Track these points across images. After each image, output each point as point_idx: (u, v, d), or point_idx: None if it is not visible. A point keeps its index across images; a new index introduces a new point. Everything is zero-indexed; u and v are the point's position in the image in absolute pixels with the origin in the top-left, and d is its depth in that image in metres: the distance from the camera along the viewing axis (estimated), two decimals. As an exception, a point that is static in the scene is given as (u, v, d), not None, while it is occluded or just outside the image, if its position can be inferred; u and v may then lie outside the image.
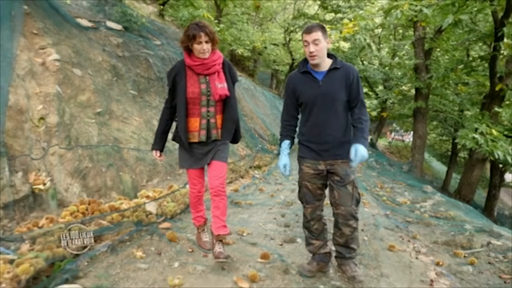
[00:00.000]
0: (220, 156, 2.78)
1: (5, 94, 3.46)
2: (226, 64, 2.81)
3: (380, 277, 2.92)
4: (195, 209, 3.00)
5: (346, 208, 2.59)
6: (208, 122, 2.72)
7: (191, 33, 2.55)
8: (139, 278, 2.45)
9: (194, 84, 2.67)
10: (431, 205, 5.44)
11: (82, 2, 7.77)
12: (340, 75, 2.54)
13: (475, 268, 3.22)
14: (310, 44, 2.45)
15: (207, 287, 2.46)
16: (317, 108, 2.57)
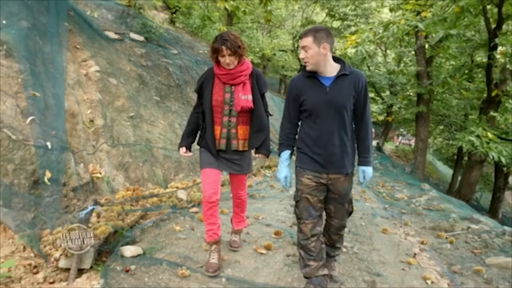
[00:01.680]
0: (240, 170, 2.88)
1: (62, 101, 4.23)
2: (254, 75, 2.81)
3: (372, 251, 3.62)
4: (208, 220, 2.78)
5: (339, 221, 2.65)
6: (228, 132, 2.75)
7: (214, 47, 2.63)
8: (181, 244, 3.18)
9: (218, 92, 2.72)
10: (426, 200, 6.12)
11: (108, 15, 8.61)
12: (348, 82, 2.40)
13: (453, 245, 3.90)
14: (302, 50, 2.39)
15: (232, 253, 3.18)
16: (323, 117, 2.42)
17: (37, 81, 4.02)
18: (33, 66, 4.16)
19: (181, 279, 2.60)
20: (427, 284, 2.99)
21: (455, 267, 3.34)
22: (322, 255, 2.55)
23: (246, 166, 2.93)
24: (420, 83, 10.32)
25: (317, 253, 2.52)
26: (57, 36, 5.14)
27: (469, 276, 3.16)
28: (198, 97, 2.84)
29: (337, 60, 2.47)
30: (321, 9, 16.63)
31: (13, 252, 2.43)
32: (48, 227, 2.81)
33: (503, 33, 7.51)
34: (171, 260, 2.84)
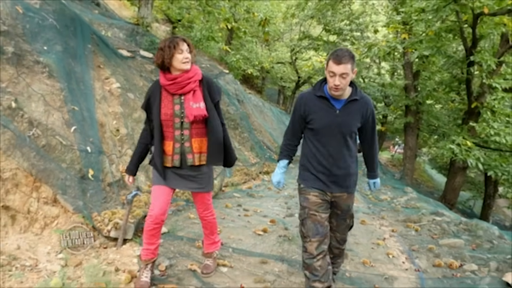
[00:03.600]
0: (200, 187, 2.75)
1: (93, 113, 5.16)
2: (205, 82, 2.67)
3: (350, 235, 4.52)
4: (148, 240, 2.71)
5: (341, 235, 2.78)
6: (181, 146, 2.62)
7: (172, 42, 2.50)
8: (195, 227, 4.09)
9: (167, 105, 2.59)
10: (405, 200, 7.04)
11: (119, 34, 9.61)
12: (358, 108, 2.47)
13: (418, 233, 4.81)
14: (337, 77, 2.30)
15: (236, 233, 4.10)
16: (329, 138, 2.48)
17: (74, 97, 4.95)
18: (69, 84, 5.09)
19: (198, 249, 3.51)
20: (389, 258, 3.89)
21: (414, 246, 4.25)
22: (328, 276, 2.49)
23: (206, 183, 2.77)
24: (407, 96, 11.32)
25: (322, 274, 2.45)
26: (84, 57, 6.09)
27: (423, 252, 4.07)
28: (147, 114, 2.69)
29: (350, 83, 2.47)
30: (317, 23, 17.70)
31: (75, 227, 3.33)
32: (94, 211, 3.72)
33: (478, 51, 8.50)
34: (189, 236, 3.76)
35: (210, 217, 2.97)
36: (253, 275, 3.10)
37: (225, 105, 11.01)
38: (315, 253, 2.49)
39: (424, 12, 6.68)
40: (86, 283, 2.59)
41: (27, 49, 4.71)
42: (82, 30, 6.43)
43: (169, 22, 16.56)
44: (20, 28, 4.88)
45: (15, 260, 2.65)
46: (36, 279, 2.53)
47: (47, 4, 6.06)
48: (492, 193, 13.56)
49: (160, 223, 2.71)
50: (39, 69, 4.73)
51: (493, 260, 3.67)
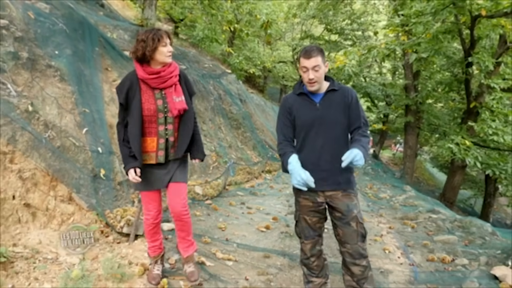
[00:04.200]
0: (178, 177, 2.67)
1: (103, 115, 5.40)
2: (183, 76, 2.69)
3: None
4: (151, 238, 2.84)
5: (352, 246, 2.46)
6: (166, 141, 2.59)
7: (156, 35, 2.44)
8: (201, 224, 4.33)
9: (149, 100, 2.51)
10: (404, 198, 7.26)
11: (124, 36, 9.82)
12: (338, 97, 2.47)
13: (414, 229, 5.04)
14: (310, 71, 2.36)
15: (240, 230, 4.33)
16: (314, 132, 2.47)
17: (84, 100, 5.19)
18: (80, 87, 5.32)
19: (204, 244, 3.74)
20: (386, 253, 4.12)
21: (409, 242, 4.48)
22: (325, 272, 2.62)
23: (184, 174, 2.74)
24: (407, 95, 11.52)
25: (319, 271, 2.60)
26: (92, 60, 6.32)
27: (418, 248, 4.30)
28: (122, 109, 2.56)
29: (326, 77, 2.54)
30: (319, 23, 17.88)
31: (89, 223, 3.57)
32: (107, 208, 3.96)
33: (476, 52, 8.70)
34: (195, 233, 3.99)
35: (186, 215, 2.74)
36: (257, 268, 3.34)
37: (227, 105, 11.24)
38: (308, 254, 2.59)
39: (422, 15, 6.88)
40: (103, 275, 2.83)
41: (40, 54, 4.94)
42: (90, 34, 6.67)
43: (171, 21, 16.76)
44: (32, 33, 5.11)
45: (38, 254, 2.90)
46: (58, 271, 2.77)
47: (56, 9, 6.30)
48: (493, 192, 13.73)
49: (158, 221, 2.80)
50: (51, 73, 4.96)
51: (484, 255, 3.89)
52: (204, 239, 3.80)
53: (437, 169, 22.67)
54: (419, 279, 3.46)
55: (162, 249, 2.94)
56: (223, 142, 9.13)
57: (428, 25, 6.92)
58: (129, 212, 3.80)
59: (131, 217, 3.66)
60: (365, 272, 2.52)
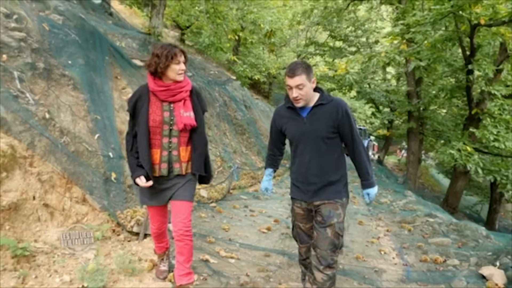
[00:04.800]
0: (183, 195, 2.66)
1: (113, 122, 5.71)
2: (195, 92, 2.70)
3: (346, 234, 4.99)
4: (158, 241, 3.02)
5: (321, 251, 2.46)
6: (169, 154, 2.60)
7: (170, 52, 2.48)
8: (206, 225, 4.60)
9: (156, 111, 2.55)
10: (404, 203, 7.48)
11: (132, 44, 10.18)
12: (326, 111, 2.47)
13: (410, 232, 5.27)
14: (294, 89, 2.39)
15: (242, 231, 4.60)
16: (302, 146, 2.55)
17: (96, 107, 5.50)
18: (92, 95, 5.63)
19: (209, 243, 4.01)
20: (381, 254, 4.36)
21: (405, 244, 4.71)
22: None
23: (189, 192, 2.71)
24: (410, 102, 11.76)
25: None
26: (103, 68, 6.65)
27: (412, 249, 4.53)
28: (132, 119, 2.64)
29: (316, 89, 2.54)
30: (323, 30, 18.20)
31: (102, 223, 3.85)
32: (117, 209, 4.24)
33: (476, 59, 8.92)
34: (200, 233, 4.27)
35: (188, 237, 2.71)
36: (257, 266, 3.60)
37: (232, 111, 11.54)
38: (304, 256, 2.82)
39: (421, 24, 7.14)
40: (116, 269, 3.10)
41: (54, 64, 5.27)
42: (101, 43, 7.01)
43: (177, 28, 17.15)
44: (47, 44, 5.44)
45: (56, 249, 3.18)
46: (75, 264, 3.05)
47: (69, 20, 6.65)
48: (498, 198, 13.80)
49: (163, 230, 2.95)
50: (65, 81, 5.28)
51: (474, 256, 4.12)
52: (208, 239, 4.08)
53: (442, 175, 22.78)
54: (411, 277, 3.69)
55: (167, 247, 3.12)
56: (228, 147, 9.42)
57: (427, 34, 7.17)
58: (138, 213, 4.08)
59: (140, 217, 3.94)
60: (327, 282, 2.48)
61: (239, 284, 3.17)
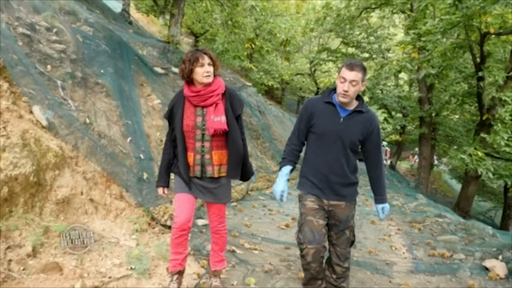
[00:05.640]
0: (218, 198, 2.80)
1: (141, 126, 6.20)
2: (228, 95, 2.73)
3: (359, 232, 5.38)
4: (174, 249, 2.79)
5: (341, 249, 2.72)
6: (202, 158, 2.69)
7: (193, 56, 2.56)
8: (229, 221, 5.03)
9: (189, 116, 2.66)
10: (415, 205, 7.82)
11: (153, 52, 10.71)
12: (362, 120, 2.56)
13: (420, 231, 5.64)
14: (347, 82, 2.43)
15: (263, 227, 5.02)
16: (329, 145, 2.57)
17: (127, 113, 5.99)
18: (122, 101, 6.13)
19: (233, 237, 4.45)
20: (392, 249, 4.74)
21: (414, 241, 5.08)
22: (322, 275, 2.81)
23: (224, 195, 2.85)
24: (421, 108, 12.09)
25: (318, 274, 2.75)
26: (130, 76, 7.17)
27: (421, 246, 4.90)
28: (169, 124, 2.81)
29: (357, 96, 2.63)
30: (336, 36, 18.61)
31: (138, 217, 4.32)
32: (150, 206, 4.71)
33: (486, 67, 9.26)
34: (226, 228, 4.70)
35: (223, 231, 2.97)
36: (279, 256, 4.02)
37: (247, 117, 11.99)
38: (310, 259, 2.61)
39: (432, 33, 7.52)
40: (155, 256, 3.55)
41: (89, 73, 5.79)
42: (127, 53, 7.54)
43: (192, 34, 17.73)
44: (81, 54, 5.97)
45: (103, 238, 3.65)
46: (121, 251, 3.51)
47: (98, 31, 7.21)
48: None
49: (186, 231, 2.74)
50: (99, 89, 5.80)
51: (480, 251, 4.48)
52: (233, 233, 4.51)
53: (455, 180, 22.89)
54: (419, 269, 4.07)
55: (183, 266, 2.89)
56: (244, 151, 9.87)
57: (437, 43, 7.55)
58: (170, 208, 4.54)
59: (173, 212, 4.40)
60: (346, 272, 2.80)
61: (264, 271, 3.60)
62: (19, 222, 3.11)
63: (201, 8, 12.30)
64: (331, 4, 15.71)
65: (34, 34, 5.23)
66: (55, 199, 3.59)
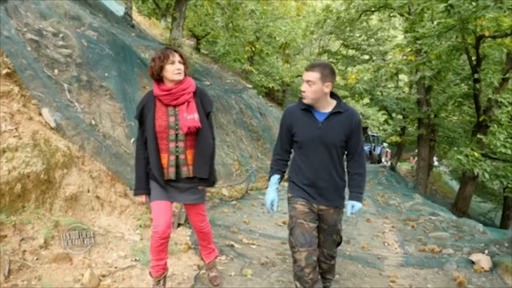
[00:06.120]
0: (194, 199, 2.80)
1: (144, 127, 6.46)
2: (198, 93, 2.74)
3: (354, 229, 5.62)
4: (156, 256, 2.76)
5: (328, 251, 2.80)
6: (177, 159, 2.66)
7: (163, 54, 2.56)
8: (229, 218, 5.28)
9: (161, 117, 2.62)
10: (411, 205, 8.04)
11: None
12: (342, 120, 2.53)
13: (413, 228, 5.86)
14: (304, 82, 2.47)
15: (261, 224, 5.26)
16: (312, 151, 2.56)
17: (129, 115, 6.23)
18: (125, 103, 6.38)
19: (232, 233, 4.69)
20: (385, 245, 4.97)
21: (407, 238, 5.31)
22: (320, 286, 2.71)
23: (200, 195, 2.84)
24: (419, 109, 12.33)
25: (312, 284, 2.56)
26: (133, 79, 7.42)
27: (413, 242, 5.13)
28: (140, 125, 2.75)
29: (333, 96, 2.60)
30: (336, 39, 18.86)
31: (142, 214, 4.56)
32: (153, 204, 4.96)
33: (482, 69, 9.48)
34: (225, 224, 4.95)
35: (206, 228, 3.02)
36: (275, 250, 4.26)
37: (248, 118, 12.24)
38: (303, 264, 2.51)
39: (427, 37, 7.74)
40: (158, 249, 3.80)
41: (93, 76, 6.04)
42: (130, 56, 7.80)
43: (193, 37, 17.98)
44: (86, 58, 6.22)
45: (109, 233, 3.89)
46: (126, 244, 3.76)
47: (102, 35, 7.47)
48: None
49: (166, 238, 2.71)
50: (103, 92, 6.05)
51: (468, 247, 4.70)
52: (232, 229, 4.75)
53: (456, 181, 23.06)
54: (409, 263, 4.30)
55: (166, 270, 2.88)
56: (244, 152, 10.11)
57: (433, 46, 7.78)
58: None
59: (174, 209, 4.64)
60: (331, 267, 2.93)
61: (260, 263, 3.84)
62: (31, 217, 3.36)
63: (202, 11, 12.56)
64: (331, 6, 15.96)
65: (42, 40, 5.49)
66: (63, 196, 3.84)
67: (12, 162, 3.37)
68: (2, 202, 3.17)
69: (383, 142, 25.93)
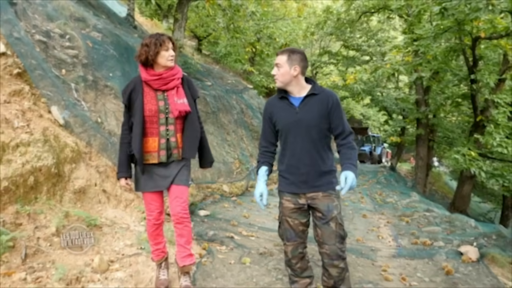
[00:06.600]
0: (179, 180, 2.78)
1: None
2: (186, 80, 2.82)
3: (350, 224, 5.85)
4: (154, 241, 2.94)
5: (330, 246, 2.52)
6: (167, 141, 2.72)
7: (159, 39, 2.61)
8: (229, 213, 5.52)
9: (151, 101, 2.67)
10: (407, 202, 8.27)
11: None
12: (318, 101, 2.54)
13: (407, 224, 6.09)
14: (274, 66, 2.55)
15: (260, 218, 5.50)
16: (293, 136, 2.57)
17: (133, 113, 6.50)
18: (129, 103, 6.62)
19: (232, 226, 4.93)
20: (379, 239, 5.20)
21: (401, 232, 5.54)
22: (309, 273, 2.71)
23: (186, 177, 2.85)
24: (418, 109, 12.56)
25: (301, 272, 2.67)
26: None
27: (406, 236, 5.35)
28: (126, 111, 2.78)
29: (309, 81, 2.62)
30: (336, 40, 19.09)
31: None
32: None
33: (478, 70, 9.71)
34: (225, 218, 5.19)
35: (187, 219, 2.86)
36: (273, 242, 4.50)
37: (249, 118, 12.49)
38: (290, 256, 2.64)
39: (424, 38, 7.98)
40: (162, 239, 4.04)
41: (98, 76, 6.29)
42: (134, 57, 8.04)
43: (195, 37, 18.23)
44: (91, 59, 6.47)
45: (115, 224, 4.14)
46: (131, 235, 3.99)
47: (106, 37, 7.72)
48: (511, 205, 14.32)
49: (160, 222, 2.90)
50: (108, 91, 6.30)
51: (458, 240, 4.93)
52: (232, 222, 4.99)
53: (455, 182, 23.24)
54: (401, 254, 4.53)
55: (165, 253, 3.03)
56: (245, 151, 10.36)
57: (429, 47, 8.01)
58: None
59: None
60: (342, 273, 2.57)
61: (258, 253, 4.08)
62: (43, 207, 3.60)
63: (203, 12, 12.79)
64: (332, 8, 16.20)
65: (49, 41, 5.74)
66: (72, 189, 4.09)
67: (25, 156, 3.61)
68: (17, 193, 3.42)
69: (384, 143, 26.16)
